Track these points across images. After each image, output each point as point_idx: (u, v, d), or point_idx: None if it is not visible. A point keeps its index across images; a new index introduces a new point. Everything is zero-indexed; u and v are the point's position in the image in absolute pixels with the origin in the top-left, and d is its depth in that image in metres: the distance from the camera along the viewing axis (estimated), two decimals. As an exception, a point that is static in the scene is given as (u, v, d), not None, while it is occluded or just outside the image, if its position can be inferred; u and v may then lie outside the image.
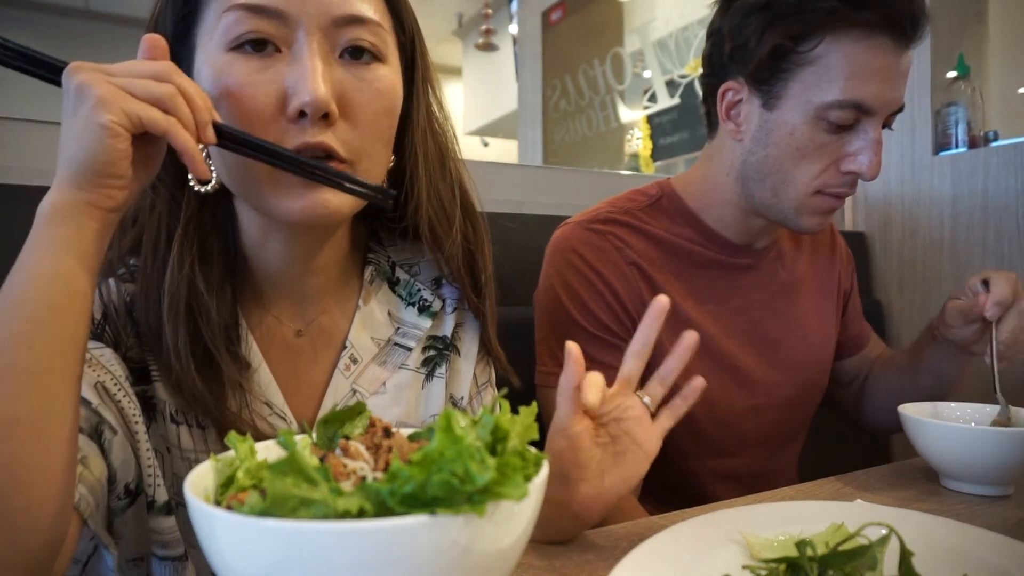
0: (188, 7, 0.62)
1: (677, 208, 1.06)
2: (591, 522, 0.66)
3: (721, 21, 0.99)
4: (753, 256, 1.07)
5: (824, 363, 1.15)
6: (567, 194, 1.59)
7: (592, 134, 3.59)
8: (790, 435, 1.14)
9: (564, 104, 3.73)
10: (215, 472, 0.41)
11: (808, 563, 0.50)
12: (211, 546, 0.37)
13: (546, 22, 3.80)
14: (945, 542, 0.58)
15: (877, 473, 0.90)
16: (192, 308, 0.62)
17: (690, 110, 2.96)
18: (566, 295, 0.99)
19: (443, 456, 0.35)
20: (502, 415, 0.41)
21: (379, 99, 0.63)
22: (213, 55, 0.60)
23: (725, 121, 1.00)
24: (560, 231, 1.05)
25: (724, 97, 0.99)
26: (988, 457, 0.78)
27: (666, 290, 0.99)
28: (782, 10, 0.90)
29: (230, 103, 0.59)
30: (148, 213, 0.65)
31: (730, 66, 0.98)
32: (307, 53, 0.59)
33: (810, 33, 0.90)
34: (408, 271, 0.79)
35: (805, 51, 0.90)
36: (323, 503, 0.34)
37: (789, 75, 0.92)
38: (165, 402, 0.65)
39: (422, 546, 0.34)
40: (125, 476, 0.61)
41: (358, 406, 0.50)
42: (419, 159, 0.71)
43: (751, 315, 1.07)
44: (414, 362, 0.76)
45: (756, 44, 0.92)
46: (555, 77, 3.78)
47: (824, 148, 0.93)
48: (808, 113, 0.91)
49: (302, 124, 0.59)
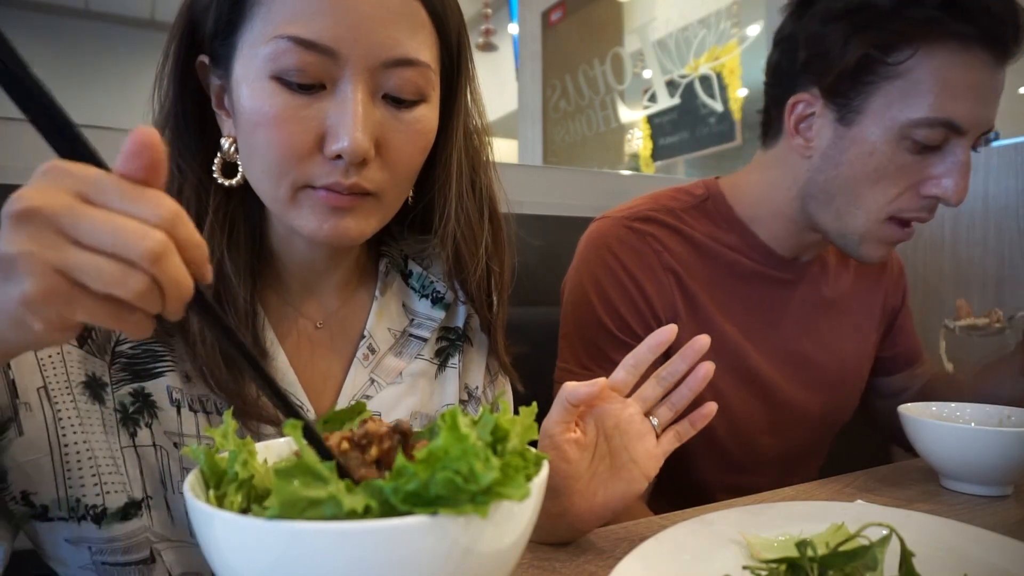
0: (235, 11, 0.60)
1: (723, 213, 1.00)
2: (587, 531, 0.65)
3: (794, 27, 0.92)
4: (797, 271, 1.02)
5: (857, 384, 1.10)
6: (567, 194, 1.59)
7: (592, 134, 3.59)
8: (811, 453, 1.10)
9: (564, 104, 3.73)
10: (206, 467, 0.41)
11: (808, 563, 0.50)
12: (211, 546, 0.36)
13: (546, 22, 3.80)
14: (945, 542, 0.58)
15: (877, 473, 0.89)
16: (220, 294, 0.63)
17: (690, 110, 2.96)
18: (596, 295, 0.95)
19: (448, 454, 0.35)
20: (502, 415, 0.41)
21: (416, 141, 0.63)
22: (255, 78, 0.59)
23: (794, 136, 0.93)
24: (597, 225, 1.00)
25: (794, 110, 0.92)
26: (988, 457, 0.78)
27: (701, 300, 0.96)
28: (871, 17, 0.83)
29: (267, 133, 0.58)
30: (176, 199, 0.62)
31: (803, 76, 0.91)
32: (351, 95, 0.58)
33: (902, 43, 0.82)
34: (420, 263, 0.79)
35: (895, 63, 0.83)
36: (332, 501, 0.34)
37: (872, 88, 0.85)
38: (175, 394, 0.63)
39: (422, 546, 0.34)
40: (22, 482, 0.59)
41: (358, 406, 0.50)
42: (452, 178, 0.70)
43: (787, 332, 1.01)
44: (428, 352, 0.77)
45: (839, 53, 0.85)
46: (555, 77, 3.77)
47: (905, 170, 0.86)
48: (891, 130, 0.84)
49: (337, 164, 0.59)
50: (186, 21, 0.64)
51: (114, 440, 0.62)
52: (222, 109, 0.65)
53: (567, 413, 0.61)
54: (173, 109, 0.65)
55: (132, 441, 0.63)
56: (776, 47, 0.97)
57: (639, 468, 0.62)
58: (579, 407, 0.61)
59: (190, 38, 0.64)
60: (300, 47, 0.57)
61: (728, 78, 2.72)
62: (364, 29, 0.57)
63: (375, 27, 0.58)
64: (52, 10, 6.03)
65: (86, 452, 0.60)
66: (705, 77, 2.84)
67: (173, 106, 0.65)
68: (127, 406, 0.63)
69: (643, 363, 0.63)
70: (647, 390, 0.64)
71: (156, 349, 0.64)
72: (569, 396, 0.60)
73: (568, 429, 0.61)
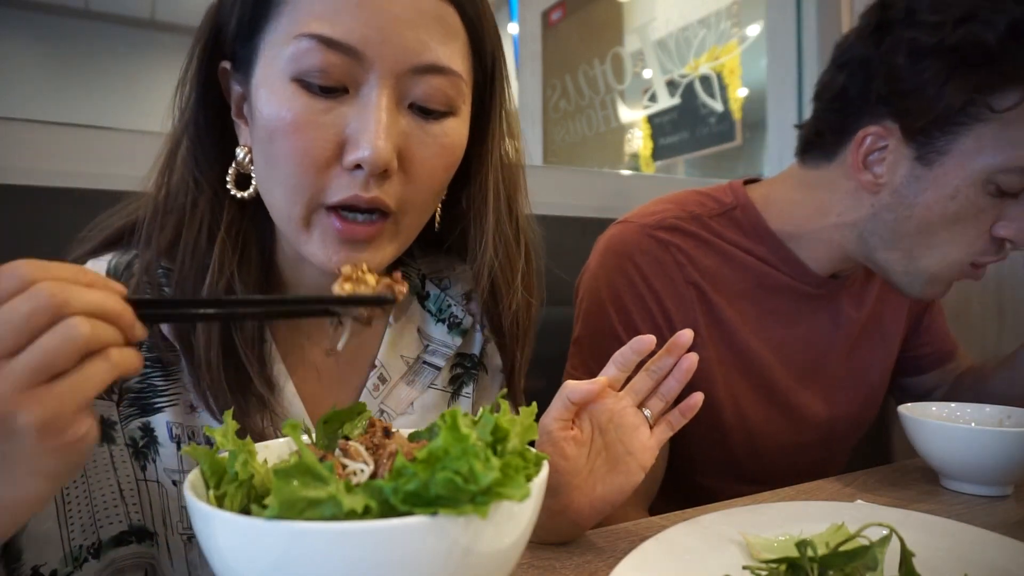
0: (259, 10, 0.57)
1: (753, 223, 0.96)
2: (587, 527, 0.65)
3: (870, 52, 0.84)
4: (828, 286, 0.98)
5: (878, 397, 1.08)
6: (567, 194, 1.58)
7: (592, 134, 3.59)
8: (827, 468, 1.07)
9: (564, 104, 3.73)
10: (206, 467, 0.41)
11: (808, 564, 0.50)
12: (211, 546, 0.36)
13: (546, 22, 3.80)
14: (945, 542, 0.58)
15: (877, 473, 0.89)
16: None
17: (690, 110, 2.95)
18: (613, 306, 0.92)
19: (448, 454, 0.35)
20: (502, 415, 0.41)
21: (442, 155, 0.59)
22: (276, 80, 0.55)
23: (860, 171, 0.87)
24: (618, 229, 0.96)
25: (863, 142, 0.86)
26: (988, 457, 0.78)
27: (726, 315, 0.93)
28: (974, 56, 0.76)
29: (285, 141, 0.55)
30: (190, 211, 0.61)
31: (876, 108, 0.84)
32: (375, 101, 0.54)
33: (1010, 86, 0.76)
34: (438, 284, 0.76)
35: (1001, 108, 0.77)
36: (331, 502, 0.34)
37: (963, 129, 0.79)
38: (175, 429, 0.62)
39: (422, 547, 0.34)
40: (33, 558, 0.56)
41: (358, 406, 0.50)
42: (489, 204, 0.66)
43: (815, 347, 0.98)
44: (442, 381, 0.74)
45: (934, 94, 0.78)
46: (555, 77, 3.77)
47: (982, 214, 0.83)
48: (977, 174, 0.80)
49: (356, 175, 0.55)
50: (211, 23, 0.61)
51: (124, 472, 0.61)
52: (240, 118, 0.63)
53: (567, 411, 0.61)
54: (193, 116, 0.62)
55: (144, 474, 0.62)
56: (840, 69, 0.89)
57: (635, 460, 0.63)
58: (579, 405, 0.61)
59: (214, 41, 0.61)
60: (324, 46, 0.53)
61: (728, 78, 2.72)
62: (393, 31, 0.53)
63: (404, 30, 0.54)
64: (52, 10, 6.02)
65: (84, 495, 0.59)
66: (705, 77, 2.84)
67: (194, 113, 0.62)
68: (137, 440, 0.62)
69: (630, 364, 0.63)
70: (639, 383, 0.64)
71: (157, 383, 0.62)
72: (571, 394, 0.60)
73: (566, 427, 0.61)
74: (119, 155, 1.03)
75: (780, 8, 1.84)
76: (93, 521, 0.59)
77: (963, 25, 0.76)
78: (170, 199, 0.62)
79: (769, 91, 1.91)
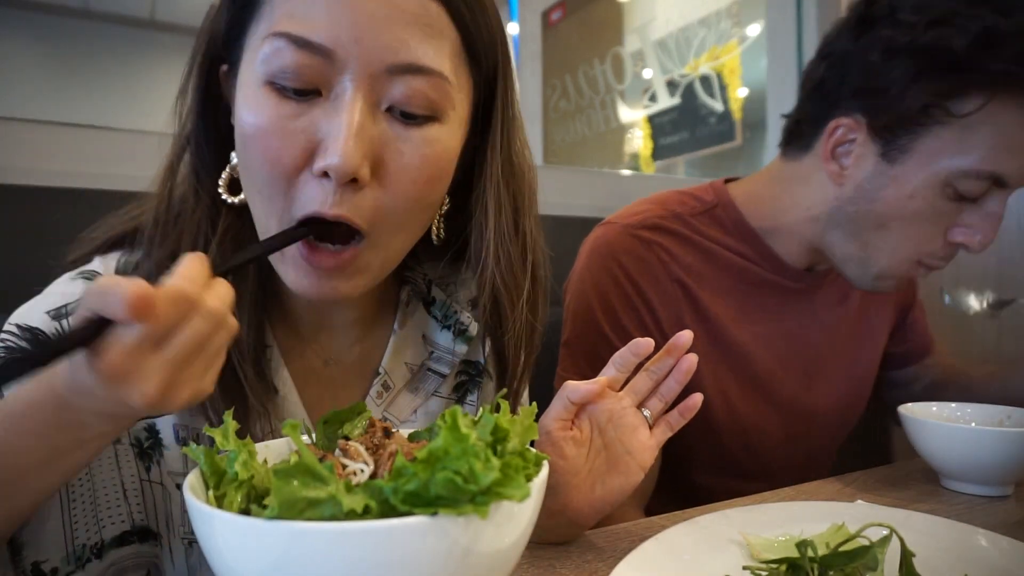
0: (243, 11, 0.55)
1: (734, 221, 0.97)
2: (587, 527, 0.66)
3: (849, 46, 0.85)
4: (810, 280, 1.00)
5: (866, 388, 1.10)
6: (567, 194, 1.58)
7: (592, 134, 3.59)
8: (822, 458, 1.10)
9: (564, 104, 3.73)
10: (206, 467, 0.41)
11: (809, 564, 0.50)
12: (211, 547, 0.36)
13: (546, 22, 3.80)
14: (945, 542, 0.58)
15: (877, 473, 0.89)
16: None
17: (690, 110, 2.95)
18: (600, 306, 0.93)
19: (448, 454, 0.34)
20: (502, 415, 0.41)
21: (424, 166, 0.54)
22: (250, 82, 0.53)
23: (828, 161, 0.88)
24: (602, 231, 0.97)
25: (833, 133, 0.87)
26: (988, 457, 0.78)
27: (712, 311, 0.94)
28: (941, 62, 0.77)
29: (256, 147, 0.52)
30: (188, 217, 0.59)
31: (849, 101, 0.85)
32: (347, 104, 0.50)
33: (971, 94, 0.77)
34: (444, 289, 0.74)
35: (960, 114, 0.78)
36: (331, 502, 0.34)
37: (924, 131, 0.80)
38: (181, 431, 0.61)
39: (422, 547, 0.34)
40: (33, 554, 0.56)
41: (358, 406, 0.50)
42: (489, 216, 0.62)
43: (798, 340, 1.00)
44: (446, 389, 0.73)
45: (898, 94, 0.80)
46: (555, 77, 3.77)
47: (940, 216, 0.83)
48: (937, 176, 0.81)
49: (325, 184, 0.51)
50: (209, 27, 0.59)
51: (129, 472, 0.61)
52: None
53: (567, 411, 0.61)
54: (194, 128, 0.60)
55: (147, 475, 0.61)
56: (823, 60, 0.90)
57: (635, 460, 0.63)
58: (579, 405, 0.61)
59: (213, 45, 0.59)
60: (294, 46, 0.50)
61: (728, 78, 2.72)
62: (367, 28, 0.50)
63: (380, 27, 0.50)
64: (52, 10, 6.02)
65: (88, 493, 0.59)
66: (705, 77, 2.84)
67: (194, 124, 0.60)
68: (142, 441, 0.61)
69: (629, 365, 0.63)
70: (639, 383, 0.64)
71: None
72: (571, 394, 0.61)
73: (566, 427, 0.61)
74: (119, 155, 1.03)
75: (780, 8, 1.85)
76: (96, 519, 0.59)
77: (935, 28, 0.77)
78: (171, 210, 0.60)
79: (769, 91, 1.91)
